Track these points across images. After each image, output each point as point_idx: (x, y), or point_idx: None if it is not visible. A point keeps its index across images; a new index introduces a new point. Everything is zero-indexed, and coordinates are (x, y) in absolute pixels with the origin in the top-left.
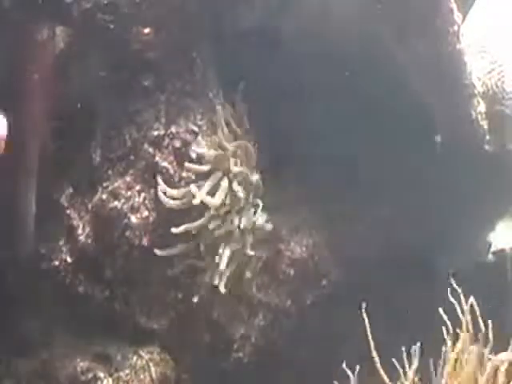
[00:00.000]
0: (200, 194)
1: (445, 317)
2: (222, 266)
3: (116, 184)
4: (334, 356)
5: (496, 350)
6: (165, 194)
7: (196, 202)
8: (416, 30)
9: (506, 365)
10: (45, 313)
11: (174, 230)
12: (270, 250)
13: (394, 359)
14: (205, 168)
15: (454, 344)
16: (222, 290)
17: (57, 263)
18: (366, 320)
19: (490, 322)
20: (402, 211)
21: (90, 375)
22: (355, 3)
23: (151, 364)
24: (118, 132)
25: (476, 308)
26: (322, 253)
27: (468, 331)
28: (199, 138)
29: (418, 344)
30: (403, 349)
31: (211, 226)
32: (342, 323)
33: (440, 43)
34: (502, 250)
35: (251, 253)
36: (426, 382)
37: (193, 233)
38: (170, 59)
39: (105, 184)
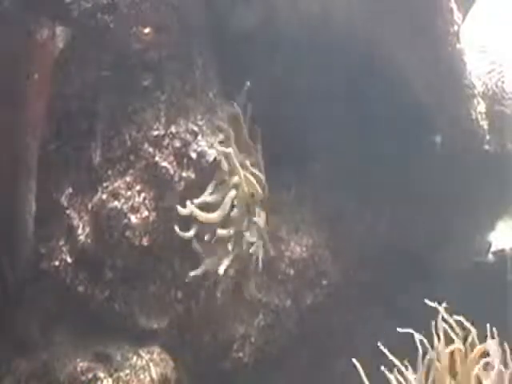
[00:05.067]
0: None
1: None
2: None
3: (116, 184)
4: (333, 356)
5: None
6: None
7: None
8: (416, 30)
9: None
10: (45, 313)
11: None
12: (269, 250)
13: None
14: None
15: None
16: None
17: (57, 263)
18: None
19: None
20: (402, 211)
21: (90, 375)
22: (356, 4)
23: (151, 364)
24: (118, 132)
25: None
26: (321, 253)
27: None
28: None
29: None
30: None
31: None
32: (341, 323)
33: (440, 43)
34: (502, 250)
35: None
36: None
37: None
38: (169, 59)
39: (105, 184)
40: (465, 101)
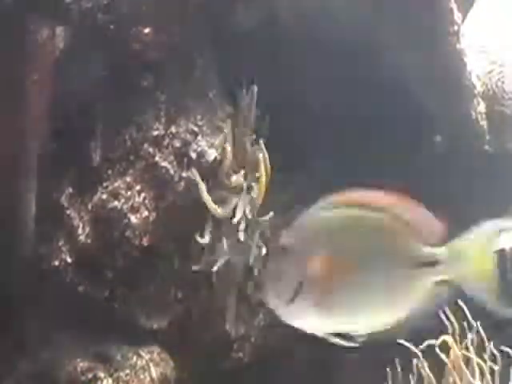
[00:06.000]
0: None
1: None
2: None
3: (116, 184)
4: (333, 355)
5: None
6: None
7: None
8: (416, 30)
9: None
10: (45, 313)
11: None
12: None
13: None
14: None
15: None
16: None
17: (57, 263)
18: None
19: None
20: None
21: (90, 375)
22: (356, 4)
23: (151, 364)
24: (118, 132)
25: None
26: None
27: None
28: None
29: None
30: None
31: None
32: None
33: (440, 43)
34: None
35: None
36: None
37: None
38: (170, 59)
39: (105, 184)
40: (465, 101)
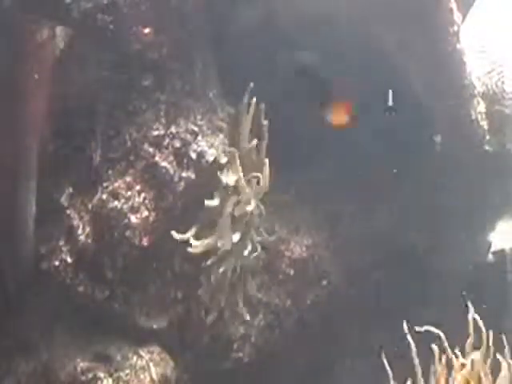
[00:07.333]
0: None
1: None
2: None
3: (116, 184)
4: (333, 355)
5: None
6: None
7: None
8: (416, 30)
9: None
10: (45, 313)
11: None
12: (270, 250)
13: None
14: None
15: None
16: None
17: (57, 263)
18: None
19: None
20: (402, 211)
21: (90, 375)
22: (356, 4)
23: (151, 364)
24: (118, 132)
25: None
26: (321, 253)
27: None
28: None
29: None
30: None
31: None
32: (341, 323)
33: (440, 43)
34: (502, 250)
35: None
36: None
37: None
38: (169, 59)
39: (105, 184)
40: (465, 101)
